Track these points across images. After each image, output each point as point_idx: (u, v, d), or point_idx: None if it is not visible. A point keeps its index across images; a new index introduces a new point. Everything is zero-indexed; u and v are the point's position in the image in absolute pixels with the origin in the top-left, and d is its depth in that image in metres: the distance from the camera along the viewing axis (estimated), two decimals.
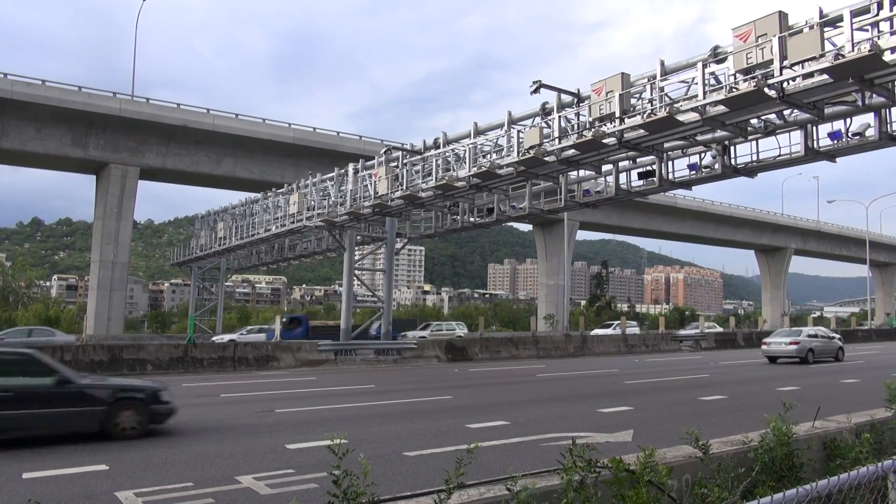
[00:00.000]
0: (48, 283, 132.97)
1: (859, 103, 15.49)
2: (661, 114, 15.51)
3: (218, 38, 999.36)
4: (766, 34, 13.61)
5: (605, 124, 17.02)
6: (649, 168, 20.84)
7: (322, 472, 3.35)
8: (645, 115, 15.97)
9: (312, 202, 30.49)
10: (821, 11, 13.44)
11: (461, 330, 46.19)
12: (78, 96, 39.26)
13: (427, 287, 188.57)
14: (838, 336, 32.15)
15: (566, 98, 19.23)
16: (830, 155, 17.59)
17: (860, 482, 2.78)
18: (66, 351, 24.54)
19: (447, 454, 8.61)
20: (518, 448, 9.46)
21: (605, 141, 17.24)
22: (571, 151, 18.36)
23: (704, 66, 15.17)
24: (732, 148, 19.04)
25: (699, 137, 18.22)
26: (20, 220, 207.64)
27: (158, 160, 42.86)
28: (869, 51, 12.30)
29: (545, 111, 19.79)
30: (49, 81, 38.83)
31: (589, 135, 17.16)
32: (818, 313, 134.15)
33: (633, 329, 52.43)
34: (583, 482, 3.86)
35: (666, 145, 18.90)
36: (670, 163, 20.43)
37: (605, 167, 21.50)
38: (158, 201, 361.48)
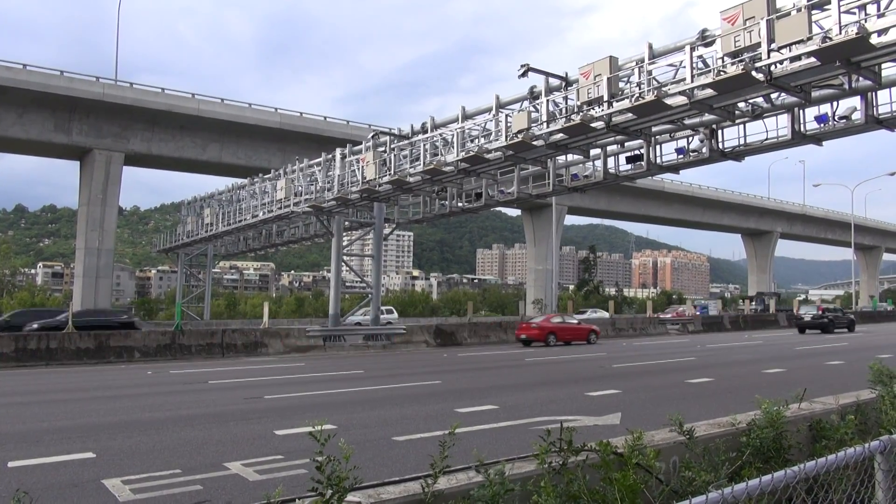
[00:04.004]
0: (33, 271, 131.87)
1: (846, 87, 15.54)
2: (650, 97, 15.48)
3: (203, 22, 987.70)
4: (753, 17, 13.56)
5: (593, 108, 16.97)
6: (637, 152, 20.83)
7: (310, 458, 3.34)
8: (633, 99, 15.93)
9: (300, 187, 30.29)
10: None
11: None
12: (60, 81, 38.66)
13: (416, 272, 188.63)
14: None
15: (554, 82, 19.14)
16: (817, 138, 17.66)
17: (847, 463, 2.79)
18: (52, 339, 24.35)
19: (436, 439, 8.60)
20: (507, 432, 9.49)
21: (593, 125, 17.19)
22: (560, 135, 18.30)
23: (692, 50, 15.12)
24: (720, 132, 19.06)
25: (687, 121, 18.23)
26: (3, 207, 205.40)
27: (143, 146, 42.39)
28: (856, 34, 12.29)
29: (533, 95, 19.69)
30: (30, 66, 38.20)
31: (577, 118, 17.11)
32: (803, 296, 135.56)
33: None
34: (564, 465, 3.86)
35: (654, 129, 18.88)
36: (658, 147, 20.44)
37: (594, 151, 21.47)
38: (144, 188, 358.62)
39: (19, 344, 23.52)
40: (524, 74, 18.79)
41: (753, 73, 13.74)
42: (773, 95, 16.42)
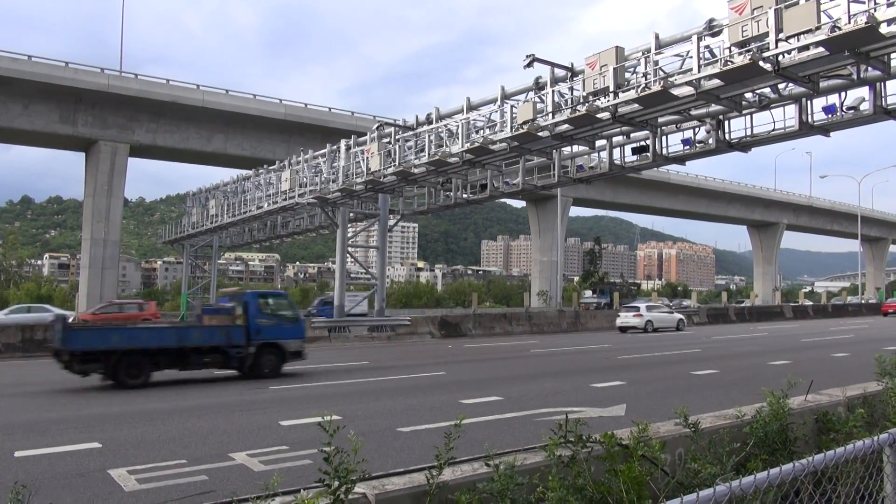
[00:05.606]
0: (40, 262, 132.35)
1: (854, 77, 15.39)
2: (656, 87, 15.38)
3: (208, 13, 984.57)
4: (761, 6, 13.45)
5: (598, 99, 16.87)
6: (643, 143, 20.72)
7: (315, 449, 3.33)
8: (639, 89, 15.83)
9: (304, 179, 30.27)
10: None
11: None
12: (65, 72, 38.67)
13: (420, 264, 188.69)
14: None
15: (560, 72, 19.04)
16: (825, 129, 17.52)
17: (856, 456, 2.76)
18: None
19: (441, 430, 8.60)
20: (512, 423, 9.49)
21: (598, 115, 17.10)
22: (565, 126, 18.21)
23: (699, 40, 15.01)
24: (726, 122, 18.94)
25: (693, 112, 18.11)
26: (10, 198, 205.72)
27: (148, 137, 42.41)
28: (865, 23, 12.18)
29: (539, 86, 19.59)
30: (35, 57, 38.23)
31: (583, 109, 17.02)
32: (809, 288, 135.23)
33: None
34: (574, 457, 3.85)
35: (660, 120, 18.77)
36: (664, 138, 20.32)
37: (599, 142, 21.38)
38: (149, 179, 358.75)
39: (26, 334, 23.64)
40: (529, 65, 18.70)
41: (761, 62, 13.63)
42: (781, 86, 16.30)
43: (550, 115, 18.29)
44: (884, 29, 12.62)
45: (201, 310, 18.00)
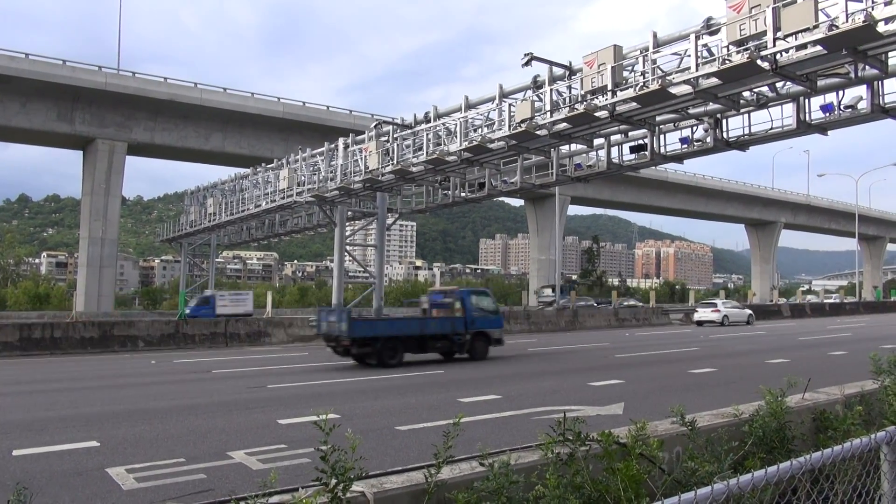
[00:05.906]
0: (37, 261, 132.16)
1: (852, 75, 15.38)
2: (654, 86, 15.36)
3: (206, 11, 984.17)
4: (759, 5, 13.44)
5: (597, 97, 16.85)
6: (641, 142, 20.70)
7: (313, 447, 3.33)
8: (637, 88, 15.81)
9: (303, 177, 30.21)
10: None
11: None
12: (63, 70, 38.58)
13: (419, 262, 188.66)
14: None
15: (558, 71, 19.02)
16: (822, 128, 17.51)
17: (853, 454, 2.77)
18: (56, 328, 24.44)
19: (439, 428, 8.62)
20: (510, 422, 9.50)
21: (597, 114, 17.07)
22: (563, 125, 18.19)
23: (697, 38, 14.99)
24: (724, 121, 18.91)
25: (691, 110, 18.09)
26: (7, 196, 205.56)
27: (146, 135, 42.33)
28: (863, 21, 12.17)
29: (537, 84, 19.57)
30: (33, 55, 38.14)
31: (581, 108, 17.00)
32: (807, 286, 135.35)
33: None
34: (572, 456, 3.85)
35: (658, 118, 18.75)
36: (662, 136, 20.29)
37: (597, 141, 21.34)
38: (147, 177, 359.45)
39: (24, 333, 23.61)
40: (528, 63, 18.67)
41: (759, 61, 13.62)
42: (779, 84, 16.28)
43: (549, 113, 18.26)
44: (881, 27, 12.61)
45: (429, 304, 20.97)
